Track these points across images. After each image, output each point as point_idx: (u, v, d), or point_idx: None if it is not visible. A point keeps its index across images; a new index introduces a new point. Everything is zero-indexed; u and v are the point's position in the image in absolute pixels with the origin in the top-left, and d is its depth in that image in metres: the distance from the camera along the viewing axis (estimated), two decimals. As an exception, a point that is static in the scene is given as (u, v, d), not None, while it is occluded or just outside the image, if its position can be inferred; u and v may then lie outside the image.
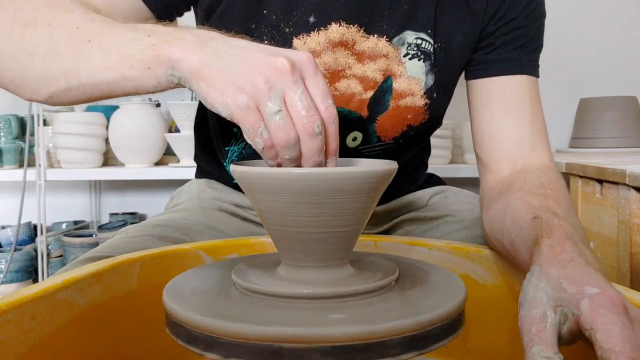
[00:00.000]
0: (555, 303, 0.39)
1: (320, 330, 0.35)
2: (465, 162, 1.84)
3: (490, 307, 0.55)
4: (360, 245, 0.53)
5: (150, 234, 0.71)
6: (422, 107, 0.73)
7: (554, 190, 0.58)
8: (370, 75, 0.71)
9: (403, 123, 0.74)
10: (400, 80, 0.72)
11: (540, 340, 0.37)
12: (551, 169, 0.66)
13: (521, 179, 0.62)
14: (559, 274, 0.40)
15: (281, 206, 0.41)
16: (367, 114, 0.73)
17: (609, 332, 0.35)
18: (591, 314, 0.36)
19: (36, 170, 1.76)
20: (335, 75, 0.71)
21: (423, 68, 0.72)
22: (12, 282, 1.77)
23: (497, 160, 0.71)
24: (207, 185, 0.87)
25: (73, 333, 0.47)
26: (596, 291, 0.37)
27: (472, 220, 0.77)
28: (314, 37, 0.70)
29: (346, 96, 0.72)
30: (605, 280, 0.40)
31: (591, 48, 2.02)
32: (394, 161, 0.44)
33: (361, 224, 0.43)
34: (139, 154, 1.77)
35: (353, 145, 0.75)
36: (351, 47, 0.70)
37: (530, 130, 0.71)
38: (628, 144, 1.70)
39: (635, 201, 0.95)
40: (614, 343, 0.34)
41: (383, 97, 0.72)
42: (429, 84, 0.73)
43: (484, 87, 0.74)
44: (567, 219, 0.50)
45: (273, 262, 0.46)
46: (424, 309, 0.38)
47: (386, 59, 0.71)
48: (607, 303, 0.36)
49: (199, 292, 0.43)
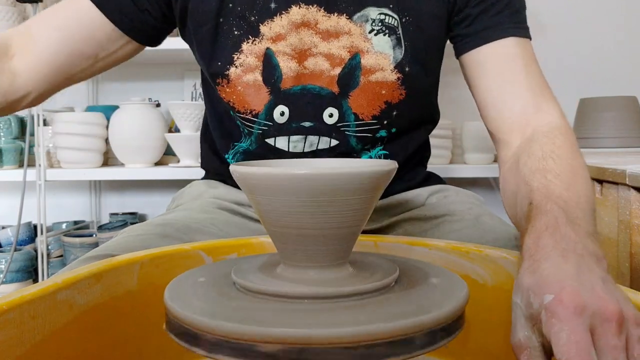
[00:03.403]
0: (531, 322, 0.39)
1: (320, 330, 0.35)
2: (465, 162, 1.84)
3: (490, 308, 0.55)
4: (360, 245, 0.53)
5: (153, 232, 0.72)
6: (395, 81, 0.75)
7: (555, 160, 0.58)
8: (335, 52, 0.74)
9: (379, 99, 0.75)
10: (368, 56, 0.74)
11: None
12: (558, 128, 0.66)
13: (525, 153, 0.62)
14: (529, 284, 0.40)
15: (281, 206, 0.41)
16: (339, 90, 0.75)
17: (558, 340, 0.35)
18: (547, 327, 0.36)
19: (36, 170, 1.76)
20: (302, 54, 0.74)
21: (389, 42, 0.74)
22: (12, 282, 1.77)
23: (506, 132, 0.71)
24: (208, 185, 0.88)
25: (73, 333, 0.47)
26: (550, 298, 0.37)
27: (471, 220, 0.77)
28: (277, 22, 0.73)
29: (315, 73, 0.74)
30: (575, 266, 0.39)
31: (591, 48, 2.02)
32: (394, 161, 0.44)
33: (361, 223, 0.43)
34: (139, 154, 1.77)
35: (331, 122, 0.76)
36: (314, 26, 0.74)
37: (531, 93, 0.70)
38: (628, 144, 1.70)
39: (635, 201, 0.95)
40: (562, 350, 0.34)
41: (353, 73, 0.74)
42: (398, 58, 0.74)
43: (474, 59, 0.74)
44: (563, 194, 0.50)
45: (273, 262, 0.46)
46: (424, 309, 0.38)
47: (349, 36, 0.73)
48: (558, 310, 0.36)
49: (199, 292, 0.43)
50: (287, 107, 0.76)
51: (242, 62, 0.75)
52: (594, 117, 1.75)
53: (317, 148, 0.77)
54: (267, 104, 0.76)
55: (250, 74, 0.75)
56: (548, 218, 0.47)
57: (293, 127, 0.76)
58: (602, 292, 0.38)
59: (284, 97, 0.76)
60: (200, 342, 0.37)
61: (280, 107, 0.76)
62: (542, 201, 0.50)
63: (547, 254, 0.42)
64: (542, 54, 0.75)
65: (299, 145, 0.77)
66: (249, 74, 0.75)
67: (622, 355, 0.35)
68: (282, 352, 0.35)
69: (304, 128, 0.76)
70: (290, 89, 0.75)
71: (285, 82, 0.75)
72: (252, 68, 0.75)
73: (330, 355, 0.35)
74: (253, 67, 0.75)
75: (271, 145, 0.78)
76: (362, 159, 0.53)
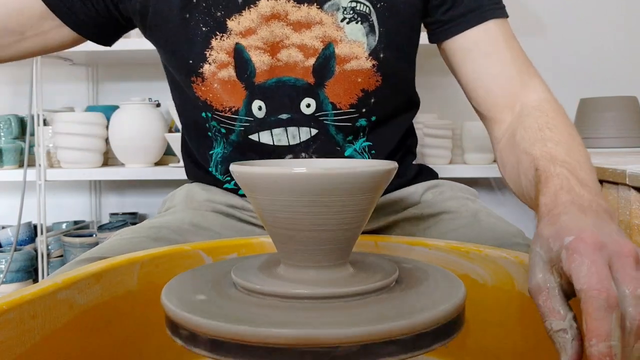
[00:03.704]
0: (550, 265, 0.40)
1: (320, 331, 0.35)
2: (465, 162, 1.84)
3: (490, 307, 0.55)
4: (360, 245, 0.53)
5: (146, 235, 0.72)
6: (371, 68, 0.74)
7: (552, 129, 0.60)
8: (308, 43, 0.73)
9: (355, 87, 0.75)
10: (341, 45, 0.73)
11: (550, 312, 0.37)
12: (547, 101, 0.68)
13: (521, 127, 0.64)
14: (549, 234, 0.41)
15: (281, 206, 0.41)
16: (314, 81, 0.75)
17: (579, 273, 0.36)
18: (567, 262, 0.37)
19: (36, 170, 1.76)
20: (275, 47, 0.74)
21: (362, 30, 0.73)
22: (12, 282, 1.77)
23: (496, 111, 0.72)
24: (199, 187, 0.87)
25: (73, 333, 0.47)
26: (570, 239, 0.38)
27: (469, 217, 0.77)
28: (247, 15, 0.73)
29: (289, 65, 0.74)
30: (593, 220, 0.41)
31: (591, 48, 2.02)
32: (394, 162, 0.44)
33: (361, 223, 0.43)
34: (139, 154, 1.77)
35: (309, 112, 0.76)
36: (284, 18, 0.73)
37: (516, 70, 0.72)
38: (628, 144, 1.70)
39: (636, 201, 0.95)
40: (582, 281, 0.35)
41: (327, 63, 0.74)
42: (372, 45, 0.74)
43: (458, 44, 0.74)
44: (567, 160, 0.52)
45: (273, 262, 0.46)
46: (424, 309, 0.38)
47: (321, 25, 0.73)
48: (579, 247, 0.37)
49: (199, 292, 0.43)
50: (263, 101, 0.75)
51: (215, 58, 0.74)
52: (594, 117, 1.75)
53: (300, 140, 0.77)
54: (245, 99, 0.76)
55: (225, 70, 0.75)
56: (560, 180, 0.48)
57: (272, 120, 0.76)
58: (618, 237, 0.39)
59: (259, 92, 0.75)
60: (200, 342, 0.37)
61: (257, 101, 0.76)
62: (549, 166, 0.51)
63: (566, 209, 0.43)
64: (542, 54, 0.76)
65: (283, 138, 0.77)
66: (223, 70, 0.75)
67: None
68: (282, 352, 0.35)
69: (282, 120, 0.76)
70: (265, 83, 0.75)
71: (260, 76, 0.75)
72: (224, 64, 0.74)
73: (330, 355, 0.35)
74: (226, 63, 0.74)
75: (255, 141, 0.77)
76: (362, 159, 0.52)
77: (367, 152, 0.80)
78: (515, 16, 2.33)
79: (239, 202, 0.83)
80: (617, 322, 0.34)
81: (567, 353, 0.36)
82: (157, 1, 0.74)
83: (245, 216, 0.83)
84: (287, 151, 0.78)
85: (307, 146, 0.77)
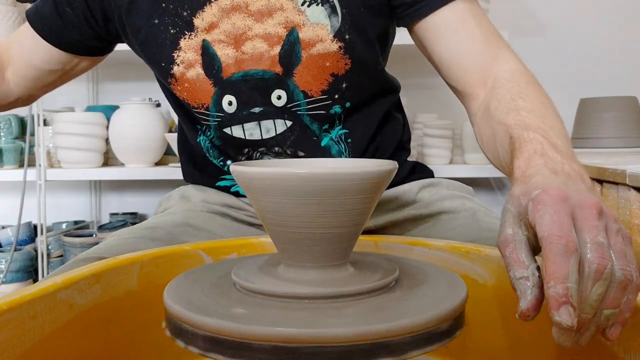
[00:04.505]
0: (519, 219, 0.41)
1: (320, 331, 0.35)
2: (465, 162, 1.84)
3: (490, 307, 0.55)
4: (360, 245, 0.53)
5: (142, 235, 0.72)
6: (337, 51, 0.74)
7: (524, 99, 0.61)
8: (272, 31, 0.73)
9: (324, 72, 0.75)
10: (305, 29, 0.73)
11: (514, 262, 0.38)
12: (519, 72, 0.68)
13: (494, 99, 0.65)
14: (520, 192, 0.43)
15: (281, 206, 0.41)
16: (282, 70, 0.74)
17: (542, 221, 0.37)
18: (532, 212, 0.39)
19: (36, 170, 1.76)
20: (238, 39, 0.74)
21: (324, 12, 0.73)
22: (12, 282, 1.77)
23: (471, 86, 0.72)
24: (195, 188, 0.87)
25: (73, 333, 0.47)
26: (537, 192, 0.40)
27: (467, 217, 0.77)
28: (208, 10, 0.74)
29: (255, 56, 0.74)
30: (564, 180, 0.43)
31: (591, 48, 2.02)
32: (394, 162, 0.44)
33: (361, 223, 0.43)
34: (139, 154, 1.77)
35: (280, 104, 0.76)
36: (245, 9, 0.73)
37: (487, 44, 0.72)
38: (628, 144, 1.70)
39: (636, 201, 0.95)
40: (544, 229, 0.37)
41: (293, 49, 0.74)
42: (335, 26, 0.73)
43: (429, 24, 0.74)
44: (540, 126, 0.53)
45: (273, 262, 0.46)
46: (424, 309, 0.38)
47: (282, 11, 0.73)
48: (543, 198, 0.39)
49: (199, 292, 0.43)
50: (233, 95, 0.76)
51: (183, 59, 0.75)
52: (594, 117, 1.75)
53: (276, 133, 0.77)
54: (214, 95, 0.76)
55: (192, 70, 0.76)
56: (534, 145, 0.50)
57: (244, 115, 0.76)
58: (585, 192, 0.41)
59: (228, 87, 0.76)
60: (200, 342, 0.37)
61: (227, 96, 0.76)
62: (523, 133, 0.53)
63: (539, 170, 0.45)
64: (542, 54, 0.76)
65: (255, 132, 0.77)
66: (190, 70, 0.76)
67: (601, 234, 0.37)
68: (282, 352, 0.35)
69: (255, 114, 0.76)
70: (232, 77, 0.75)
71: (226, 70, 0.75)
72: (192, 63, 0.75)
73: (330, 355, 0.35)
74: (193, 62, 0.75)
75: (228, 134, 0.78)
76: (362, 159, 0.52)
77: (343, 141, 0.80)
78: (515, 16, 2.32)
79: (234, 201, 0.84)
80: (575, 267, 0.35)
81: (526, 298, 0.37)
82: (129, 14, 0.77)
83: (241, 215, 0.83)
84: (260, 145, 0.78)
85: (283, 139, 0.77)
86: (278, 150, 0.79)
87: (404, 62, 1.60)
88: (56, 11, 0.81)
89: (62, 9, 0.80)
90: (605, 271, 0.36)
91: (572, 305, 0.34)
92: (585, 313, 0.36)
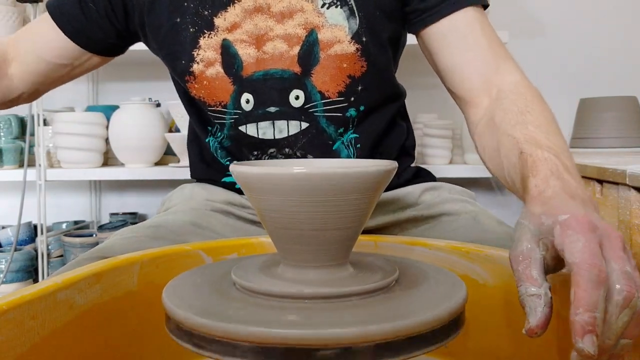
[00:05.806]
0: (538, 237, 0.41)
1: (320, 331, 0.35)
2: (465, 162, 1.84)
3: (490, 308, 0.55)
4: (360, 245, 0.53)
5: (145, 235, 0.72)
6: (354, 52, 0.75)
7: (532, 113, 0.62)
8: (292, 32, 0.75)
9: (341, 73, 0.76)
10: (324, 30, 0.75)
11: (527, 278, 0.39)
12: (523, 86, 0.69)
13: (499, 109, 0.65)
14: (541, 211, 0.43)
15: (281, 206, 0.41)
16: (300, 70, 0.76)
17: (573, 248, 0.38)
18: (560, 236, 0.39)
19: (36, 170, 1.76)
20: (259, 40, 0.75)
21: (343, 14, 0.75)
22: (12, 282, 1.77)
23: (473, 94, 0.73)
24: (198, 187, 0.88)
25: (73, 333, 0.47)
26: (565, 217, 0.41)
27: (469, 219, 0.77)
28: (231, 11, 0.76)
29: (275, 56, 0.76)
30: (582, 206, 0.44)
31: (591, 48, 2.02)
32: (394, 161, 0.44)
33: (361, 223, 0.43)
34: (139, 154, 1.77)
35: (298, 105, 0.77)
36: (267, 10, 0.75)
37: (492, 54, 0.73)
38: (628, 144, 1.70)
39: (636, 201, 0.95)
40: (576, 256, 0.37)
41: (311, 50, 0.75)
42: (353, 28, 0.75)
43: (437, 31, 0.75)
44: (550, 145, 0.54)
45: (273, 262, 0.46)
46: (424, 309, 0.38)
47: (303, 12, 0.74)
48: (573, 224, 0.40)
49: (199, 292, 0.43)
50: (251, 94, 0.77)
51: (202, 57, 0.77)
52: (594, 117, 1.75)
53: (288, 134, 0.78)
54: (232, 93, 0.77)
55: (212, 68, 0.77)
56: (549, 165, 0.50)
57: (259, 114, 0.77)
58: (606, 222, 0.42)
59: (247, 85, 0.77)
60: (199, 341, 0.37)
61: (245, 95, 0.77)
62: (537, 151, 0.53)
63: (557, 193, 0.46)
64: (542, 54, 0.76)
65: (268, 131, 0.78)
66: (210, 68, 0.77)
67: (628, 265, 0.38)
68: (281, 352, 0.35)
69: (270, 114, 0.77)
70: (253, 76, 0.76)
71: (247, 69, 0.76)
72: (211, 61, 0.77)
73: (330, 355, 0.35)
74: (213, 61, 0.77)
75: (243, 132, 0.79)
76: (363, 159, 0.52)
77: (352, 146, 0.81)
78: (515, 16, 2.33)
79: (238, 199, 0.84)
80: (603, 297, 0.36)
81: (536, 316, 0.37)
82: (150, 12, 0.78)
83: (244, 214, 0.83)
84: (271, 145, 0.79)
85: (295, 140, 0.78)
86: (288, 152, 0.79)
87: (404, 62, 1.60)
88: (79, 6, 0.81)
89: (86, 4, 0.81)
90: (633, 300, 0.37)
91: (596, 334, 0.35)
92: (609, 339, 0.37)
